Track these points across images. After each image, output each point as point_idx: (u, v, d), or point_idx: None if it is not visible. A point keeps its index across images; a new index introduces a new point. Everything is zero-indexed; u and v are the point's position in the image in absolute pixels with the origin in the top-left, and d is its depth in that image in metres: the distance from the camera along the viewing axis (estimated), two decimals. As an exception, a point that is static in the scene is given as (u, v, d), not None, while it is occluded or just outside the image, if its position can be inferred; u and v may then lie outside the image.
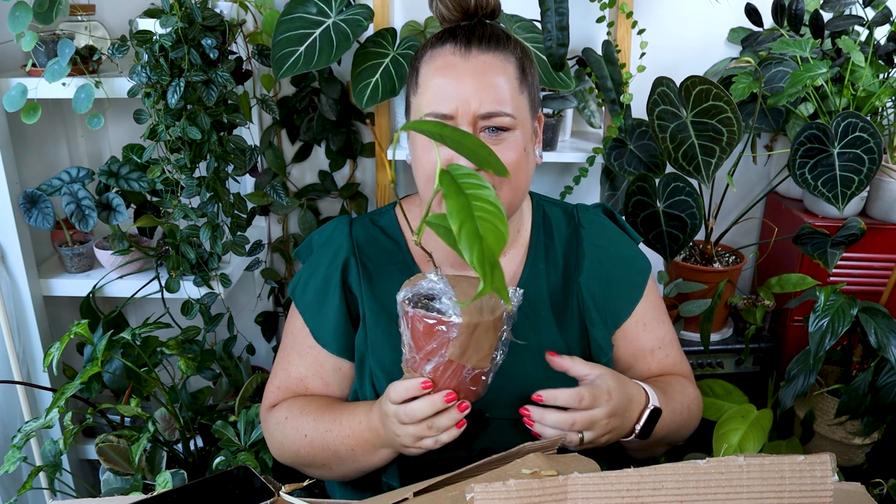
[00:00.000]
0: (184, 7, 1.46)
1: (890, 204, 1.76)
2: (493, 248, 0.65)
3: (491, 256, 0.65)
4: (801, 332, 1.85)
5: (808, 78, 1.56)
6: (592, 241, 1.17)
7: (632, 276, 1.18)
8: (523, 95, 1.05)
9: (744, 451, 1.51)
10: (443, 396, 0.88)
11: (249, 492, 0.89)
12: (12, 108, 1.49)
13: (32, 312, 1.65)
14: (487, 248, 0.65)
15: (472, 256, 0.64)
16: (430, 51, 1.05)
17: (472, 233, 0.65)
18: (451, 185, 0.69)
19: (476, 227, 0.66)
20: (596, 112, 1.88)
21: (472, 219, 0.66)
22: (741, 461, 0.75)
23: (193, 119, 1.51)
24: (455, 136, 0.73)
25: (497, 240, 0.66)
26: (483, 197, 0.68)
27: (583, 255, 1.15)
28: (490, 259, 0.65)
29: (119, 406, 1.42)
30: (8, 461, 1.33)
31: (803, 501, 0.75)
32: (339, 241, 1.16)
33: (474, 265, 0.64)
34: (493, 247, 0.65)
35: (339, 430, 1.03)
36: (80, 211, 1.59)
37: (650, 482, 0.74)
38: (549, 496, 0.73)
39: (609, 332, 1.15)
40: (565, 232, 1.18)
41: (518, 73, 1.04)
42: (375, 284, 1.12)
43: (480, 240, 0.65)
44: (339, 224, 1.19)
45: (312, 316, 1.15)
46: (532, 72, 1.08)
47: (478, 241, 0.65)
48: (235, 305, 2.07)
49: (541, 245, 1.16)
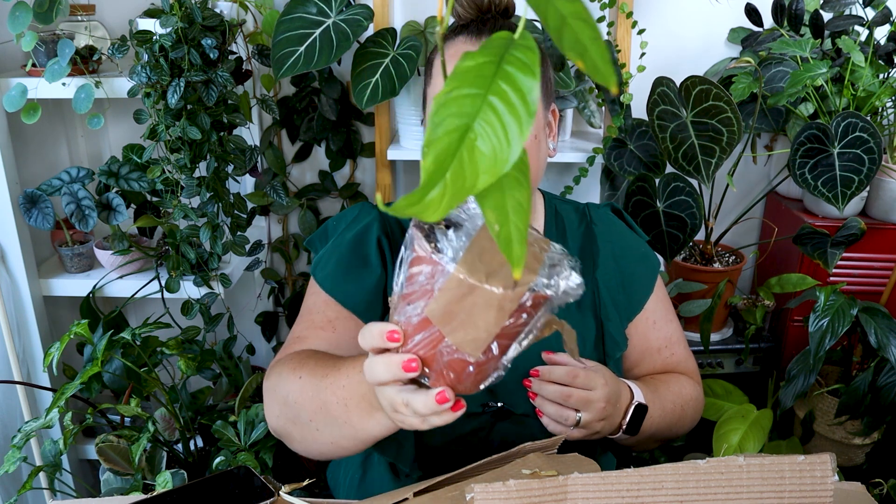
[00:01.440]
0: (184, 7, 1.47)
1: (890, 204, 1.76)
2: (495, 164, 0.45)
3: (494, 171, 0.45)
4: (801, 332, 1.85)
5: (808, 78, 1.56)
6: (605, 237, 1.18)
7: (644, 271, 1.20)
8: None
9: (744, 451, 1.51)
10: (401, 362, 0.67)
11: (249, 492, 0.89)
12: (12, 108, 1.49)
13: (32, 312, 1.65)
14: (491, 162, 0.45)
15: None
16: (443, 43, 1.06)
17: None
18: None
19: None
20: (596, 112, 1.88)
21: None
22: (741, 461, 0.75)
23: (193, 119, 1.51)
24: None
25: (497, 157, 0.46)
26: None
27: (597, 251, 1.16)
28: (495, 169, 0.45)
29: (119, 406, 1.42)
30: (8, 461, 1.33)
31: (803, 501, 0.75)
32: (369, 220, 1.13)
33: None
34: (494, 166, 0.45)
35: (335, 377, 0.85)
36: (80, 211, 1.59)
37: (650, 482, 0.75)
38: (549, 496, 0.73)
39: (624, 325, 1.17)
40: (578, 228, 1.19)
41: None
42: None
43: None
44: (365, 205, 1.17)
45: (340, 287, 1.09)
46: (545, 63, 1.09)
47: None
48: (235, 305, 2.07)
49: (554, 240, 1.17)
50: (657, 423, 1.07)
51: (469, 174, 0.45)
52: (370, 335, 0.69)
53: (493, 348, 0.65)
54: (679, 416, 1.13)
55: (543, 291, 0.64)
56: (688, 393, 1.16)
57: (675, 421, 1.13)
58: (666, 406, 1.10)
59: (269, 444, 1.46)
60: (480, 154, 0.45)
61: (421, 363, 0.67)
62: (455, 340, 0.64)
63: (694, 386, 1.19)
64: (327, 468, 1.28)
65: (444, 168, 0.45)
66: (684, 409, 1.14)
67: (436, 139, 0.45)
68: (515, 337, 0.66)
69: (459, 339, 0.64)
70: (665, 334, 1.20)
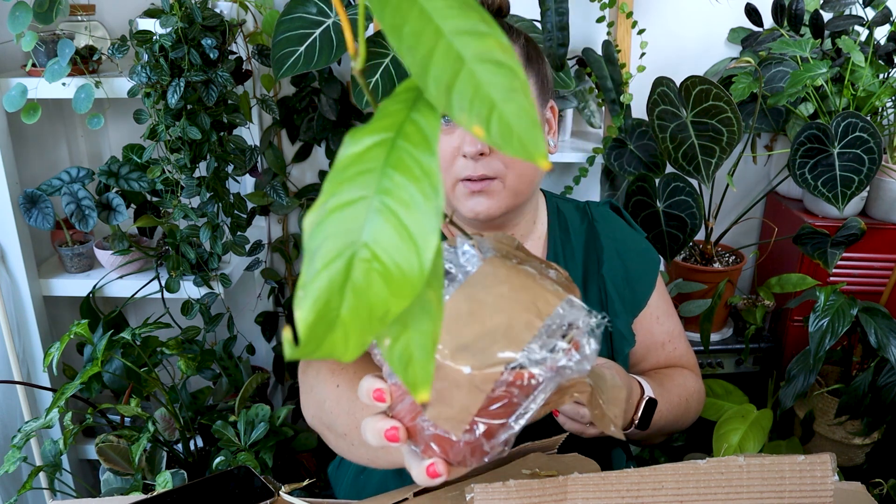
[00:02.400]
0: (184, 7, 1.47)
1: (890, 204, 1.76)
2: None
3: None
4: (801, 332, 1.86)
5: (808, 78, 1.56)
6: (608, 234, 1.18)
7: (646, 267, 1.20)
8: (528, 83, 1.04)
9: (744, 451, 1.51)
10: (384, 430, 0.60)
11: (249, 492, 0.89)
12: (12, 108, 1.49)
13: (32, 312, 1.65)
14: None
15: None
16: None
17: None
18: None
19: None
20: (596, 112, 1.89)
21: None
22: (741, 461, 0.75)
23: (193, 119, 1.52)
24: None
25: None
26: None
27: (601, 248, 1.17)
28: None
29: (119, 406, 1.42)
30: (8, 461, 1.33)
31: (803, 501, 0.75)
32: None
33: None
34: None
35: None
36: (80, 211, 1.59)
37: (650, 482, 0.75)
38: (549, 496, 0.73)
39: (630, 321, 1.17)
40: (580, 226, 1.19)
41: (522, 60, 1.04)
42: None
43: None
44: None
45: None
46: (540, 60, 1.08)
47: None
48: (235, 305, 2.07)
49: (558, 238, 1.17)
50: (665, 416, 1.08)
51: (375, 304, 0.35)
52: (361, 390, 0.64)
53: (477, 427, 0.55)
54: (684, 408, 1.14)
55: (531, 370, 0.53)
56: (691, 386, 1.17)
57: (681, 414, 1.13)
58: (672, 399, 1.10)
59: (269, 445, 1.47)
60: (381, 277, 0.35)
61: (406, 432, 0.60)
62: (431, 416, 0.56)
63: (696, 379, 1.20)
64: (328, 468, 1.28)
65: (332, 315, 0.35)
66: (689, 402, 1.15)
67: (311, 279, 0.34)
68: (506, 416, 0.55)
69: (435, 416, 0.55)
70: (668, 329, 1.21)
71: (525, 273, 0.58)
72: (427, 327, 0.38)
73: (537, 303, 0.56)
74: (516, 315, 0.55)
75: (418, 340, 0.38)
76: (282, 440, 1.51)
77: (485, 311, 0.55)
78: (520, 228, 1.13)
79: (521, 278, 0.58)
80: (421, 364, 0.37)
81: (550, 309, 0.56)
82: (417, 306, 0.38)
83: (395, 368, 0.38)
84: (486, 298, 0.55)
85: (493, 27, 0.33)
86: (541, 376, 0.53)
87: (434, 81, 0.32)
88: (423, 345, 0.38)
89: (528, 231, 1.15)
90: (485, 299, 0.55)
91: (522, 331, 0.54)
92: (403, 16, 0.33)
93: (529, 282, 0.57)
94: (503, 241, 0.63)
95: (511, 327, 0.54)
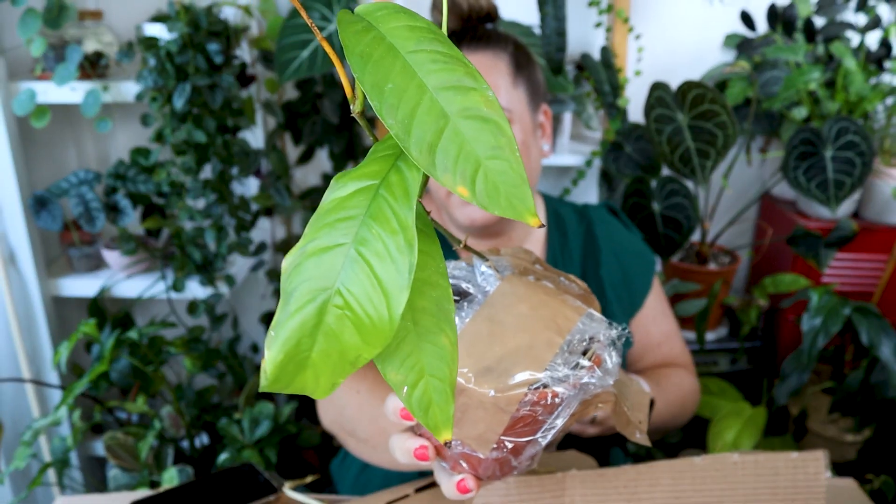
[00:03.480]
0: (190, 13, 1.49)
1: (882, 205, 1.78)
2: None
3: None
4: (794, 331, 1.88)
5: (802, 82, 1.59)
6: (605, 236, 1.19)
7: (642, 267, 1.21)
8: (519, 89, 1.05)
9: (739, 448, 1.53)
10: (413, 449, 0.62)
11: (254, 488, 0.90)
12: (22, 112, 1.51)
13: (42, 311, 1.67)
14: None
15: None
16: None
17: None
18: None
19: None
20: (594, 115, 1.91)
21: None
22: (736, 458, 0.76)
23: (199, 122, 1.54)
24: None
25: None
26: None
27: (599, 250, 1.18)
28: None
29: (126, 404, 1.44)
30: (18, 457, 1.35)
31: (797, 497, 0.76)
32: None
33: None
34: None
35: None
36: (87, 212, 1.61)
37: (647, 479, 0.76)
38: (548, 493, 0.74)
39: (627, 321, 1.18)
40: (578, 228, 1.20)
41: (511, 67, 1.05)
42: None
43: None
44: None
45: None
46: (530, 66, 1.08)
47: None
48: (240, 305, 2.10)
49: (556, 241, 1.18)
50: (662, 415, 1.08)
51: (347, 349, 0.36)
52: (388, 408, 0.65)
53: (505, 445, 0.56)
54: (680, 407, 1.14)
55: (555, 388, 0.54)
56: (687, 385, 1.17)
57: (678, 412, 1.14)
58: (669, 398, 1.11)
59: (273, 441, 1.48)
60: (353, 324, 0.35)
61: (435, 450, 0.61)
62: (459, 436, 0.56)
63: (691, 378, 1.20)
64: (331, 464, 1.30)
65: (301, 356, 0.35)
66: (685, 401, 1.16)
67: (283, 321, 0.35)
68: (533, 433, 0.56)
69: (463, 436, 0.56)
70: (664, 329, 1.21)
71: (544, 289, 0.58)
72: (443, 372, 0.39)
73: (557, 320, 0.56)
74: (537, 334, 0.55)
75: (436, 385, 0.38)
76: (285, 437, 1.52)
77: (505, 332, 0.55)
78: (517, 233, 1.14)
79: (540, 295, 0.58)
80: (440, 407, 0.39)
81: (571, 325, 0.56)
82: (433, 353, 0.39)
83: (415, 413, 0.39)
84: (506, 319, 0.56)
85: (478, 81, 0.33)
86: (564, 394, 0.54)
87: (416, 142, 0.32)
88: (441, 389, 0.39)
89: (526, 235, 1.16)
90: (504, 320, 0.55)
91: (544, 350, 0.54)
92: (386, 72, 0.33)
93: (548, 298, 0.58)
94: (521, 257, 0.64)
95: (532, 347, 0.54)
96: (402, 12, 0.36)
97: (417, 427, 0.62)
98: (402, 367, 0.38)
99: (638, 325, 1.20)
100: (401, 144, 0.32)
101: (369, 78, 0.33)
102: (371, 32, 0.34)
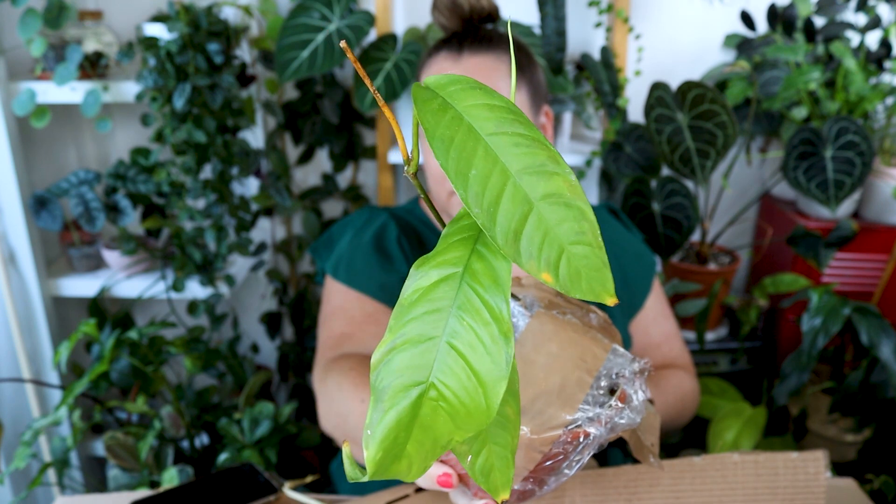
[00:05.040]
0: (190, 13, 1.49)
1: (881, 205, 1.78)
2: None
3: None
4: (794, 331, 1.88)
5: (802, 82, 1.59)
6: (606, 237, 1.18)
7: (642, 268, 1.21)
8: (520, 91, 1.05)
9: (739, 448, 1.53)
10: (436, 476, 0.62)
11: (254, 488, 0.91)
12: (22, 112, 1.51)
13: (42, 311, 1.67)
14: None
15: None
16: (427, 60, 1.07)
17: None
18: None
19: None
20: (593, 115, 1.91)
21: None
22: (736, 458, 0.76)
23: (199, 122, 1.54)
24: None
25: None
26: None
27: None
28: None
29: (126, 404, 1.44)
30: (18, 457, 1.35)
31: (797, 497, 0.76)
32: (384, 221, 1.14)
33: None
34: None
35: None
36: (87, 212, 1.62)
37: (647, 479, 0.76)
38: (548, 493, 0.76)
39: (626, 323, 1.18)
40: None
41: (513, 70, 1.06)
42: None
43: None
44: (374, 209, 1.17)
45: (373, 281, 1.09)
46: (532, 67, 1.09)
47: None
48: (240, 305, 2.10)
49: None
50: (662, 416, 1.08)
51: (440, 436, 0.35)
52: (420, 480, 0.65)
53: (531, 478, 0.57)
54: (680, 408, 1.14)
55: (587, 428, 0.55)
56: (687, 386, 1.17)
57: (677, 414, 1.14)
58: (668, 400, 1.11)
59: (273, 442, 1.48)
60: (447, 414, 0.35)
61: (458, 477, 0.61)
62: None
63: (691, 379, 1.20)
64: (331, 464, 1.30)
65: (398, 450, 0.35)
66: (685, 402, 1.15)
67: (378, 419, 0.35)
68: (558, 468, 0.57)
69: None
70: (664, 329, 1.21)
71: (572, 326, 0.60)
72: (506, 440, 0.39)
73: (586, 358, 0.58)
74: (568, 374, 0.56)
75: (498, 452, 0.39)
76: (285, 437, 1.52)
77: (537, 373, 0.57)
78: None
79: (568, 332, 0.59)
80: (501, 472, 0.39)
81: (599, 364, 0.58)
82: (497, 423, 0.39)
83: (477, 479, 0.39)
84: (538, 359, 0.57)
85: (560, 165, 0.33)
86: (595, 434, 0.55)
87: (502, 230, 0.32)
88: (503, 455, 0.40)
89: None
90: (536, 360, 0.57)
91: (575, 390, 0.56)
92: (468, 158, 0.32)
93: (577, 336, 0.59)
94: (544, 290, 0.65)
95: (564, 388, 0.56)
96: (476, 88, 0.36)
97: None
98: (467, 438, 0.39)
99: (638, 326, 1.20)
100: (486, 233, 0.32)
101: (453, 164, 0.33)
102: (449, 112, 0.34)
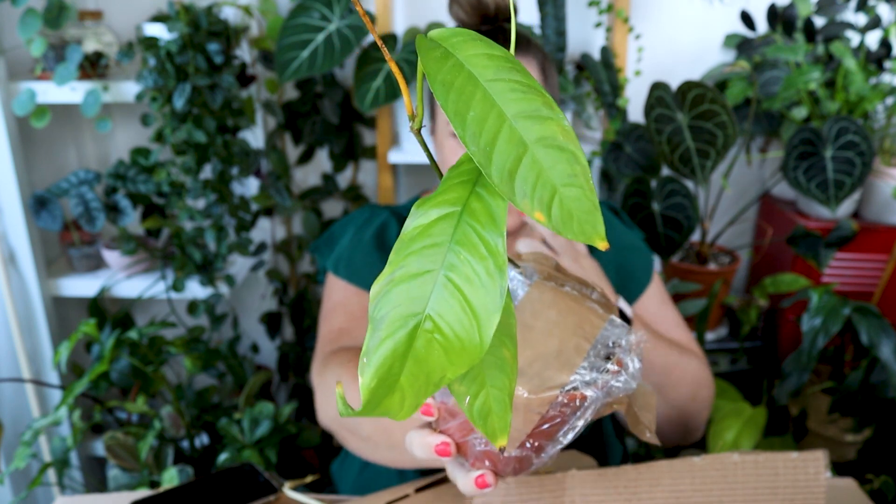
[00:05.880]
0: (190, 13, 1.49)
1: (881, 205, 1.78)
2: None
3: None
4: (794, 331, 1.88)
5: (801, 82, 1.59)
6: (606, 234, 1.18)
7: (640, 263, 1.20)
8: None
9: (739, 448, 1.53)
10: (434, 445, 0.62)
11: (254, 488, 0.91)
12: (22, 112, 1.51)
13: (42, 311, 1.67)
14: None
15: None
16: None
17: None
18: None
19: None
20: (593, 115, 1.91)
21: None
22: (736, 458, 0.76)
23: (199, 122, 1.54)
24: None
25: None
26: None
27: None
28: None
29: (126, 404, 1.44)
30: (18, 457, 1.35)
31: (797, 497, 0.76)
32: (384, 219, 1.15)
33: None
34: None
35: None
36: (87, 212, 1.62)
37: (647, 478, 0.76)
38: (548, 492, 0.75)
39: None
40: None
41: (539, 75, 1.07)
42: None
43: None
44: (374, 207, 1.18)
45: (368, 279, 1.10)
46: (552, 74, 1.10)
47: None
48: (240, 305, 2.10)
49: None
50: (655, 362, 0.99)
51: (433, 370, 0.36)
52: (411, 445, 0.65)
53: (528, 443, 0.58)
54: (680, 376, 1.03)
55: (583, 391, 0.56)
56: (694, 367, 1.06)
57: (678, 380, 1.03)
58: (661, 346, 1.01)
59: (273, 441, 1.49)
60: (441, 347, 0.36)
61: (456, 447, 0.62)
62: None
63: (702, 366, 1.10)
64: (331, 464, 1.30)
65: (392, 380, 0.36)
66: (695, 378, 1.06)
67: (374, 347, 0.36)
68: (556, 433, 0.58)
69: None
70: (668, 316, 1.18)
71: (569, 296, 0.61)
72: (504, 383, 0.40)
73: (584, 326, 0.59)
74: (566, 339, 0.58)
75: (496, 395, 0.40)
76: (285, 437, 1.52)
77: (536, 337, 0.58)
78: (519, 232, 1.15)
79: (567, 301, 0.60)
80: (499, 416, 0.40)
81: (596, 331, 0.60)
82: (494, 365, 0.41)
83: (475, 422, 0.40)
84: (536, 324, 0.58)
85: (555, 110, 0.35)
86: (592, 397, 0.56)
87: (497, 169, 0.33)
88: (501, 399, 0.41)
89: (527, 234, 1.17)
90: (534, 325, 0.58)
91: (573, 355, 0.57)
92: (467, 101, 0.34)
93: (574, 305, 0.60)
94: (543, 263, 0.66)
95: (562, 352, 0.57)
96: (477, 39, 0.37)
97: (436, 424, 0.63)
98: (465, 378, 0.40)
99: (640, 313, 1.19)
100: (482, 170, 0.33)
101: (452, 106, 0.34)
102: (450, 59, 0.35)
